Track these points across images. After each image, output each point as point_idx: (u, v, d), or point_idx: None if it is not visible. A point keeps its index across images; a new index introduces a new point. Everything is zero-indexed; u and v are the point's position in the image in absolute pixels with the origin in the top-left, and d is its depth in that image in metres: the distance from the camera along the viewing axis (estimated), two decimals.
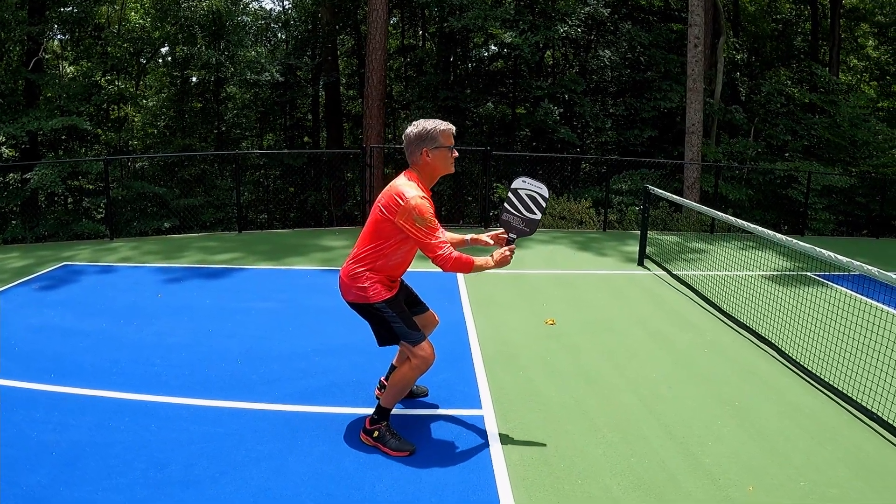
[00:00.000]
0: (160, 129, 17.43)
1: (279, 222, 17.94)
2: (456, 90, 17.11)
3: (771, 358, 4.80)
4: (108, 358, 4.58)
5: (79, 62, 16.07)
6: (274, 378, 4.31)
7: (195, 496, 2.98)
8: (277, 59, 17.59)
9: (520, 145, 18.26)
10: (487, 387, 4.20)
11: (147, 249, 8.51)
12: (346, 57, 21.48)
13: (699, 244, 9.61)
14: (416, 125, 3.24)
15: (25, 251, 8.59)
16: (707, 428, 3.64)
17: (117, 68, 15.58)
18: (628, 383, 4.29)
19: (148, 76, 18.18)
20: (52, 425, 3.63)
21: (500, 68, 18.56)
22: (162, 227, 13.49)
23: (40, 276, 6.89)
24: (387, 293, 3.29)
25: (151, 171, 16.06)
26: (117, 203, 13.56)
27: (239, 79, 17.24)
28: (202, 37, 15.46)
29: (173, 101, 17.14)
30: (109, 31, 15.71)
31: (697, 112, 12.80)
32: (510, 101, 18.21)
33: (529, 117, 16.43)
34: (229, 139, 18.17)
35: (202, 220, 14.69)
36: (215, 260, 7.88)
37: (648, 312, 5.93)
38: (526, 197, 3.40)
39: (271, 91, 18.07)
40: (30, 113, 12.43)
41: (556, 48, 19.05)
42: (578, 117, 16.51)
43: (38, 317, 5.46)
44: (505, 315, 5.77)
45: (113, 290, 6.44)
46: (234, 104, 18.79)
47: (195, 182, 16.00)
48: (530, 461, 3.28)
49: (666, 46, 15.93)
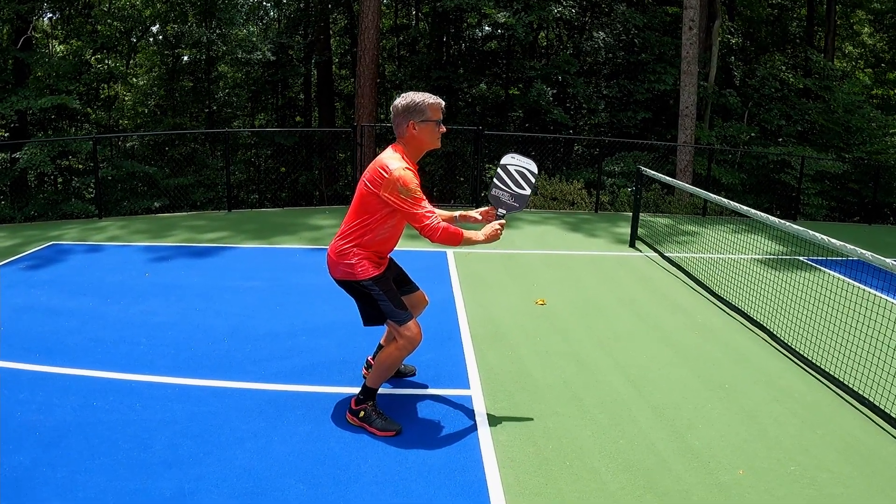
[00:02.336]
0: (150, 109, 17.19)
1: (270, 202, 17.77)
2: (448, 70, 16.92)
3: (762, 341, 4.77)
4: (93, 337, 4.50)
5: (68, 41, 15.75)
6: (260, 357, 4.24)
7: (178, 476, 2.92)
8: (269, 38, 17.32)
9: (513, 126, 18.11)
10: (476, 367, 4.15)
11: (135, 228, 8.39)
12: (338, 36, 21.21)
13: (691, 227, 9.56)
14: (404, 97, 3.15)
15: (13, 231, 8.45)
16: (697, 411, 3.61)
17: (107, 47, 15.29)
18: (617, 365, 4.25)
19: (139, 55, 17.88)
20: (36, 405, 3.56)
21: (494, 49, 18.36)
22: (152, 206, 13.34)
23: (27, 256, 6.78)
24: (374, 270, 3.22)
25: (142, 150, 15.84)
26: (107, 183, 13.36)
27: (230, 58, 16.98)
28: (193, 15, 15.18)
29: (164, 80, 16.88)
30: (99, 10, 15.40)
31: (691, 95, 12.70)
32: (503, 81, 18.02)
33: (522, 98, 16.27)
34: (220, 118, 17.94)
35: (193, 200, 14.52)
36: (203, 239, 7.78)
37: (639, 294, 5.89)
38: (515, 172, 3.34)
39: (263, 70, 17.82)
40: (18, 92, 12.19)
41: (550, 29, 18.85)
42: (571, 98, 16.37)
43: (24, 296, 5.36)
44: (494, 295, 5.71)
45: (100, 269, 6.34)
46: (226, 83, 18.53)
47: (185, 161, 15.80)
48: (518, 442, 3.24)
49: (661, 29, 15.77)
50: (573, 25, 17.72)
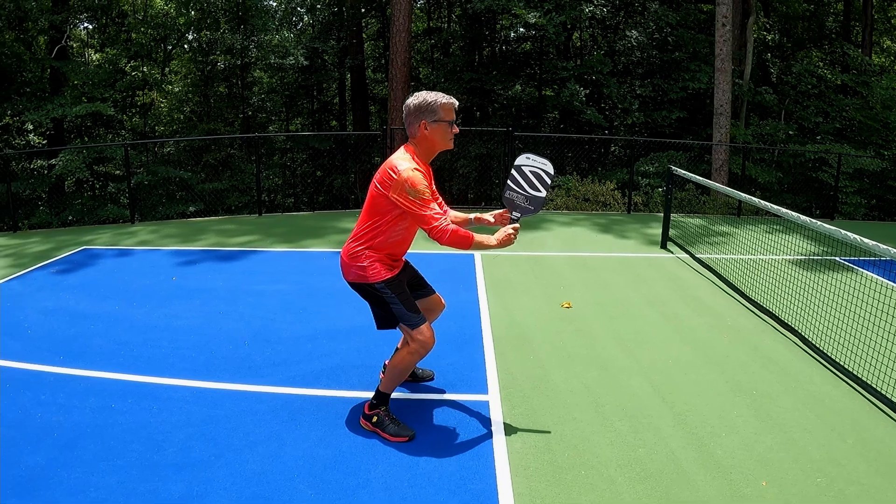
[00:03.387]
0: (186, 115, 17.53)
1: (306, 206, 17.95)
2: (481, 72, 16.85)
3: (793, 345, 4.57)
4: (117, 340, 4.56)
5: (104, 49, 16.20)
6: (279, 360, 4.24)
7: (188, 478, 2.93)
8: (302, 44, 17.51)
9: (548, 128, 17.93)
10: (496, 371, 4.07)
11: (166, 233, 8.54)
12: (372, 40, 21.35)
13: (725, 227, 9.29)
14: (416, 96, 3.10)
15: (47, 236, 8.69)
16: (721, 418, 3.46)
17: (141, 54, 15.66)
18: (641, 369, 4.12)
19: (173, 62, 18.27)
20: (56, 407, 3.62)
21: (527, 50, 18.22)
22: (187, 210, 13.58)
23: (59, 260, 6.95)
24: (387, 273, 3.17)
25: (177, 155, 16.17)
26: (143, 188, 13.68)
27: (264, 63, 17.20)
28: (225, 21, 15.44)
29: (198, 87, 17.20)
30: (133, 18, 15.78)
31: (726, 93, 12.38)
32: (537, 83, 17.87)
33: (555, 99, 16.08)
34: (256, 123, 18.20)
35: (227, 204, 14.77)
36: (232, 243, 7.86)
37: (668, 296, 5.73)
38: (530, 174, 3.23)
39: (297, 75, 18.01)
40: (54, 100, 12.56)
41: (583, 29, 18.62)
42: (605, 98, 16.13)
43: (53, 300, 5.48)
44: (520, 298, 5.62)
45: (129, 273, 6.46)
46: (261, 88, 18.79)
47: (221, 166, 16.07)
48: (533, 449, 3.15)
49: (695, 27, 15.44)
50: (606, 25, 17.48)
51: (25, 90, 13.18)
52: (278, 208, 16.71)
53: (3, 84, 13.19)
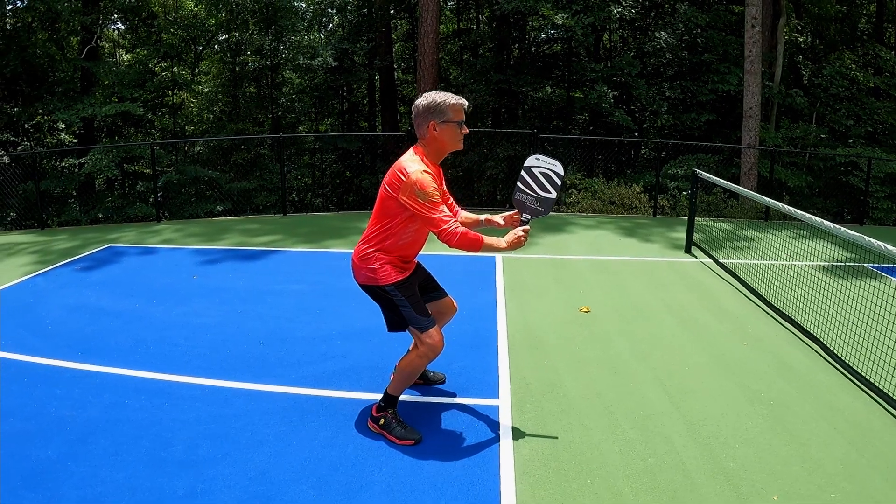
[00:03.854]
0: (216, 115, 17.77)
1: (336, 206, 18.06)
2: (509, 73, 16.78)
3: (814, 354, 4.43)
4: (135, 337, 4.63)
5: (135, 50, 16.51)
6: (293, 361, 4.26)
7: (194, 476, 2.95)
8: (331, 44, 17.63)
9: (579, 130, 17.77)
10: (508, 375, 4.02)
11: (190, 231, 8.65)
12: (402, 41, 21.42)
13: (751, 232, 9.09)
14: (425, 97, 3.07)
15: (74, 233, 8.87)
16: (735, 428, 3.37)
17: (170, 55, 15.92)
18: (656, 376, 4.03)
19: (204, 62, 18.54)
20: (71, 402, 3.68)
21: (557, 51, 18.09)
22: (215, 210, 13.76)
23: (84, 258, 7.08)
24: (397, 275, 3.15)
25: (206, 155, 16.40)
26: (172, 186, 13.90)
27: (292, 64, 17.35)
28: (253, 23, 15.62)
29: (227, 87, 17.42)
30: (163, 19, 16.05)
31: (755, 95, 12.12)
32: (566, 84, 17.74)
33: (583, 101, 15.94)
34: (285, 124, 18.37)
35: (255, 204, 14.93)
36: (254, 242, 7.93)
37: (688, 302, 5.61)
38: (540, 175, 3.18)
39: (326, 76, 18.14)
40: (84, 100, 12.83)
41: (612, 31, 18.42)
42: (634, 101, 15.93)
43: (76, 296, 5.59)
44: (538, 301, 5.56)
45: (151, 271, 6.55)
46: (291, 89, 18.95)
47: (249, 166, 16.25)
48: (540, 456, 3.10)
49: (725, 28, 15.15)
50: (636, 26, 17.27)
51: (57, 90, 13.50)
52: (307, 208, 16.84)
53: (35, 83, 13.55)
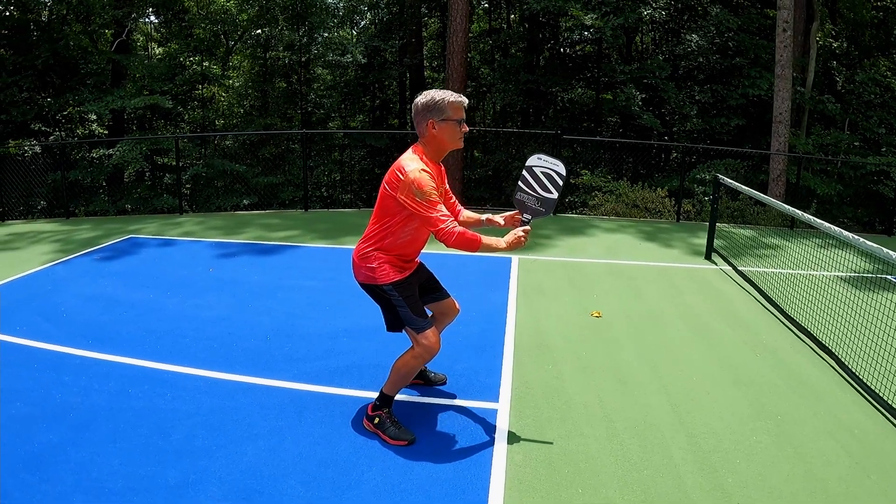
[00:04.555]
0: (246, 109, 17.96)
1: (364, 202, 18.11)
2: (538, 73, 16.65)
3: (830, 369, 4.28)
4: (145, 328, 4.68)
5: (167, 44, 16.78)
6: (297, 356, 4.26)
7: (187, 466, 2.97)
8: (362, 41, 17.70)
9: (610, 132, 17.55)
10: (510, 379, 3.97)
11: (211, 224, 8.74)
12: (433, 39, 21.43)
13: (775, 239, 8.85)
14: (424, 95, 3.04)
15: (97, 223, 9.03)
16: (738, 443, 3.26)
17: (200, 49, 16.12)
18: (663, 385, 3.94)
19: (235, 56, 18.74)
20: (77, 389, 3.74)
21: (587, 53, 17.90)
22: (241, 203, 13.90)
23: (105, 248, 7.21)
24: (396, 275, 3.12)
25: (235, 149, 16.58)
26: (200, 179, 14.09)
27: (322, 60, 17.46)
28: (283, 19, 15.74)
29: (257, 82, 17.59)
30: (195, 14, 16.25)
31: (785, 100, 11.81)
32: (596, 86, 17.54)
33: (612, 102, 15.75)
34: (315, 120, 18.49)
35: (281, 198, 15.06)
36: (273, 237, 7.99)
37: (703, 309, 5.47)
38: (541, 174, 3.12)
39: (356, 72, 18.21)
40: (114, 92, 13.07)
41: (644, 33, 18.15)
42: (664, 103, 15.68)
43: (92, 286, 5.68)
44: (550, 304, 5.48)
45: (169, 262, 6.64)
46: (321, 85, 19.06)
47: (277, 161, 16.39)
48: (533, 463, 3.05)
49: (758, 32, 14.81)
50: (667, 28, 16.99)
51: (88, 82, 13.78)
52: (335, 204, 16.90)
53: (66, 75, 13.86)
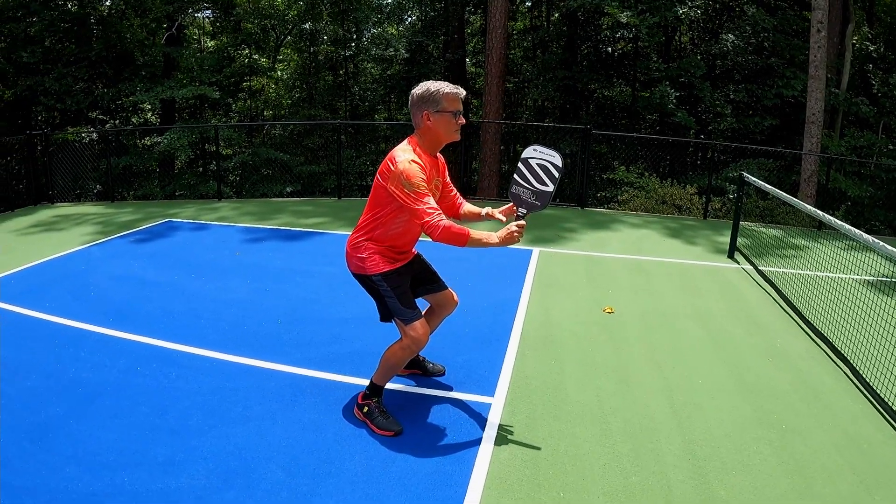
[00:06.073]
0: (295, 100, 18.05)
1: None
2: (575, 70, 16.23)
3: (843, 376, 3.95)
4: (164, 308, 4.67)
5: (218, 37, 16.96)
6: (304, 341, 4.17)
7: (178, 444, 2.92)
8: (405, 37, 17.59)
9: (649, 129, 17.02)
10: (510, 374, 3.78)
11: (246, 210, 8.75)
12: (476, 35, 21.18)
13: (801, 240, 8.36)
14: (421, 86, 2.88)
15: (139, 207, 9.15)
16: (737, 452, 3.01)
17: (248, 42, 16.22)
18: (666, 387, 3.69)
19: (284, 49, 18.84)
20: (90, 364, 3.73)
21: (625, 51, 17.38)
22: (284, 191, 13.98)
23: (141, 230, 7.27)
24: (386, 266, 2.98)
25: (282, 138, 16.69)
26: (246, 167, 14.22)
27: (366, 54, 17.41)
28: (328, 14, 15.71)
29: (303, 75, 17.66)
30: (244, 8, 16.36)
31: (818, 101, 11.17)
32: (633, 84, 17.02)
33: (647, 100, 15.24)
34: (360, 112, 18.49)
35: (323, 187, 15.09)
36: (302, 223, 7.94)
37: (718, 310, 5.15)
38: (537, 167, 2.91)
39: (400, 66, 18.14)
40: (164, 83, 13.26)
41: (682, 32, 17.49)
42: (699, 102, 15.09)
43: (124, 266, 5.71)
44: (563, 298, 5.24)
45: (199, 246, 6.65)
46: (367, 78, 19.03)
47: (321, 150, 16.44)
48: (518, 462, 2.87)
49: (793, 33, 14.09)
50: (704, 27, 16.33)
51: (141, 73, 14.03)
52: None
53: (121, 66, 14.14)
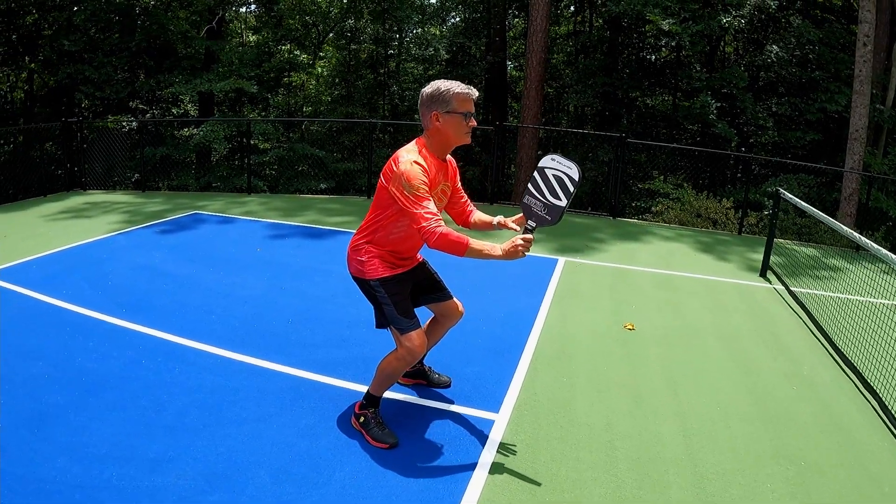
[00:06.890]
0: (335, 97, 18.10)
1: None
2: (615, 77, 15.88)
3: (870, 411, 3.66)
4: (178, 301, 4.63)
5: (260, 32, 17.10)
6: (311, 343, 4.08)
7: (171, 442, 2.87)
8: (447, 37, 17.50)
9: (691, 140, 16.56)
10: (518, 390, 3.60)
11: (273, 206, 8.74)
12: (518, 39, 20.99)
13: (838, 261, 7.92)
14: (431, 85, 2.73)
15: (169, 198, 9.21)
16: (749, 488, 2.79)
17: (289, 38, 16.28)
18: (680, 412, 3.46)
19: (326, 47, 18.91)
20: (98, 355, 3.70)
21: (668, 59, 16.95)
22: (318, 187, 14.00)
23: (168, 222, 7.29)
24: (385, 271, 2.84)
25: (320, 135, 16.75)
26: (283, 162, 14.29)
27: (406, 54, 17.37)
28: (368, 12, 15.71)
29: (343, 72, 17.70)
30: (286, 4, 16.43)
31: (862, 117, 10.64)
32: (675, 93, 16.59)
33: (687, 110, 14.82)
34: (400, 111, 18.46)
35: (358, 185, 15.07)
36: (327, 221, 7.87)
37: (745, 331, 4.87)
38: (552, 178, 2.69)
39: (441, 67, 18.05)
40: (202, 76, 13.38)
41: (727, 42, 16.96)
42: (740, 114, 14.58)
43: (145, 257, 5.71)
44: (583, 311, 5.01)
45: (222, 240, 6.63)
46: (408, 78, 18.98)
47: (357, 148, 16.44)
48: (514, 485, 2.71)
49: (840, 46, 13.49)
50: (749, 38, 15.78)
51: (182, 65, 14.21)
52: None
53: (162, 58, 14.35)
